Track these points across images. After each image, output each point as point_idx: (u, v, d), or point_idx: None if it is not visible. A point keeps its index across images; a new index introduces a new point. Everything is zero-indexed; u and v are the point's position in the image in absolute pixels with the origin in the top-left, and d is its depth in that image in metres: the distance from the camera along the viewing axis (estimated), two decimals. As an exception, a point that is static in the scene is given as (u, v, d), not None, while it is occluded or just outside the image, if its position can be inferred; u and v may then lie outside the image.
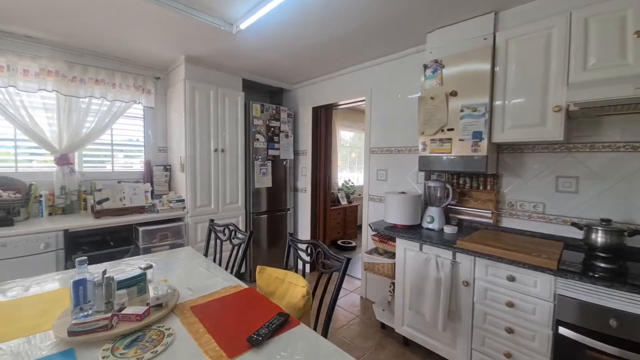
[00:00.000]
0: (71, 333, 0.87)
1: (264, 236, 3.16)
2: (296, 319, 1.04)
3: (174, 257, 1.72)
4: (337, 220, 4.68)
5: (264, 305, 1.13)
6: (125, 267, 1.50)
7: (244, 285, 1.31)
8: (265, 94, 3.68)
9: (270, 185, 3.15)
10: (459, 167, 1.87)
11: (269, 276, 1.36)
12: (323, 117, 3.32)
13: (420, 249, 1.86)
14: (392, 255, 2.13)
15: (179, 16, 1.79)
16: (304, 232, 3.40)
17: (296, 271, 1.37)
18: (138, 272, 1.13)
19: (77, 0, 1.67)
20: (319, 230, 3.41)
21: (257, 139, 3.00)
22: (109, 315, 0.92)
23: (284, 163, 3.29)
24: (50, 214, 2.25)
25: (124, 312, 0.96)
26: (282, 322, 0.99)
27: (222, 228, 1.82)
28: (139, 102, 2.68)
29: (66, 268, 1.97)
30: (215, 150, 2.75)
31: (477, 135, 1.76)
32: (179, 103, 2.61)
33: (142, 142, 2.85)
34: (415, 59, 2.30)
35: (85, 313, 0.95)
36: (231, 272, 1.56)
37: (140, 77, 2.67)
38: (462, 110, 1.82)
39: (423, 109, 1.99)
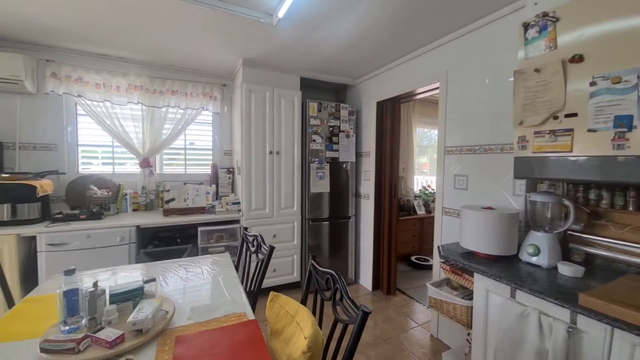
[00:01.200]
0: (42, 350, 0.80)
1: (322, 244, 2.93)
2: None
3: (205, 264, 1.66)
4: (412, 232, 4.06)
5: (256, 354, 0.87)
6: (161, 272, 1.49)
7: (249, 316, 1.09)
8: (328, 92, 3.47)
9: (328, 190, 2.90)
10: (588, 175, 1.19)
11: (280, 308, 1.10)
12: (389, 113, 2.87)
13: (512, 295, 1.26)
14: (470, 294, 1.57)
15: (221, 14, 1.73)
16: (367, 243, 3.02)
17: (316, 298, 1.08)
18: (136, 285, 1.04)
19: (148, 18, 1.82)
20: (383, 243, 2.96)
21: (314, 140, 2.80)
22: (79, 337, 0.83)
23: (345, 166, 2.99)
24: (134, 210, 2.58)
25: (99, 333, 0.85)
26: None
27: (252, 238, 1.66)
28: (207, 109, 2.86)
29: (136, 262, 2.19)
30: (270, 152, 2.68)
31: (622, 123, 1.07)
32: (238, 107, 2.65)
33: (210, 146, 3.04)
34: (509, 23, 1.66)
35: (69, 327, 0.89)
36: (252, 289, 1.36)
37: (208, 85, 2.84)
38: (593, 84, 1.15)
39: (522, 88, 1.38)
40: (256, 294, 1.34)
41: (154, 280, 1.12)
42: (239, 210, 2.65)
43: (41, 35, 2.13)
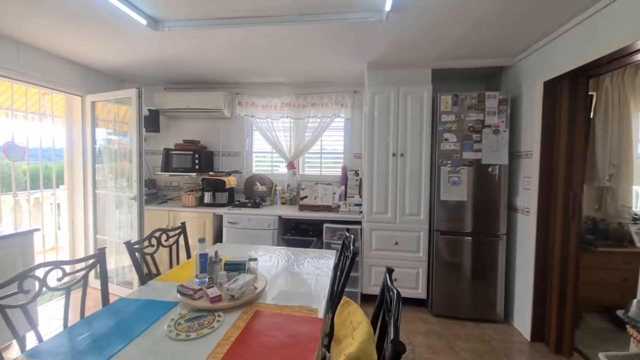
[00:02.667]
0: (178, 291, 1.18)
1: (460, 264, 2.46)
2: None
3: (314, 257, 1.82)
4: (624, 274, 2.64)
5: (304, 349, 0.90)
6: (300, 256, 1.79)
7: (319, 315, 1.11)
8: (473, 80, 2.90)
9: (464, 198, 2.43)
10: None
11: (347, 316, 1.06)
12: (565, 94, 2.02)
13: None
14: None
15: (332, 26, 1.86)
16: (524, 273, 2.28)
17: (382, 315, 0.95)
18: (242, 260, 1.31)
19: (291, 50, 2.29)
20: (552, 279, 2.12)
21: (446, 140, 2.42)
22: (199, 288, 1.15)
23: (491, 170, 2.39)
24: (283, 204, 3.20)
25: (209, 290, 1.15)
26: (278, 383, 0.73)
27: (351, 237, 1.66)
28: (339, 116, 3.11)
29: (277, 244, 2.71)
30: (394, 154, 2.56)
31: None
32: (364, 111, 2.72)
33: (342, 150, 3.28)
34: None
35: (199, 280, 1.25)
36: (339, 289, 1.37)
37: (340, 94, 3.08)
38: None
39: None
40: (338, 295, 1.34)
41: (255, 260, 1.37)
42: (360, 212, 2.70)
43: (232, 77, 3.07)
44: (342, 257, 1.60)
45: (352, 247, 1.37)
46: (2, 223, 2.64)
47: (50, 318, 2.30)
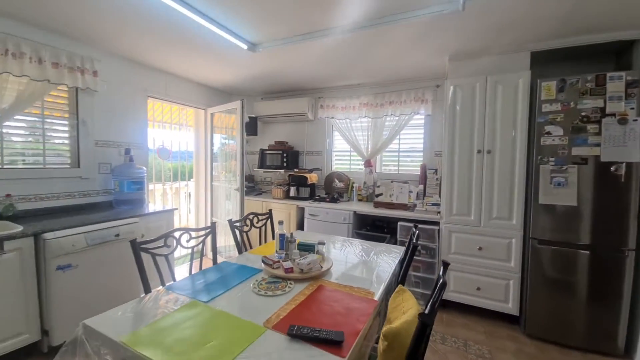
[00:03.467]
0: (262, 260, 1.47)
1: (567, 281, 2.07)
2: (345, 351, 0.85)
3: (382, 250, 1.89)
4: None
5: (355, 320, 1.02)
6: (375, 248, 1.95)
7: (375, 297, 1.21)
8: (580, 61, 2.35)
9: (574, 203, 2.04)
10: None
11: (400, 301, 1.11)
12: None
13: None
14: None
15: (409, 22, 1.88)
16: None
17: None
18: (312, 243, 1.52)
19: (370, 51, 2.40)
20: None
21: (548, 133, 2.08)
22: (278, 260, 1.41)
23: (615, 169, 1.94)
24: (359, 200, 3.33)
25: (284, 262, 1.40)
26: (328, 339, 0.88)
27: (416, 232, 1.66)
28: (418, 113, 3.02)
29: (352, 236, 2.86)
30: (479, 151, 2.35)
31: None
32: (445, 105, 2.58)
33: (421, 147, 3.17)
34: None
35: (278, 255, 1.52)
36: (399, 279, 1.42)
37: (420, 89, 2.99)
38: None
39: None
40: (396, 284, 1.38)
41: (323, 244, 1.56)
42: (438, 212, 2.58)
43: (315, 83, 3.38)
44: (407, 252, 1.62)
45: (413, 242, 1.39)
46: (155, 203, 3.65)
47: (180, 274, 3.08)
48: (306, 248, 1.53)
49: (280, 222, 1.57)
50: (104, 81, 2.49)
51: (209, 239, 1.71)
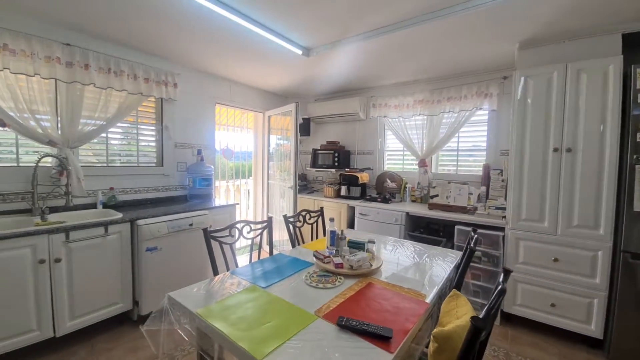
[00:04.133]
0: (314, 255, 1.54)
1: None
2: (394, 347, 0.85)
3: (437, 254, 1.81)
4: None
5: (404, 320, 1.02)
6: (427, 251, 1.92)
7: (427, 300, 1.18)
8: None
9: (687, 210, 1.67)
10: None
11: (454, 306, 1.06)
12: None
13: None
14: None
15: (474, 13, 1.76)
16: None
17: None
18: (362, 241, 1.54)
19: (427, 42, 2.32)
20: None
21: (650, 127, 1.74)
22: (329, 256, 1.47)
23: None
24: (413, 201, 3.21)
25: (335, 258, 1.45)
26: (376, 333, 0.90)
27: (474, 237, 1.55)
28: (481, 108, 2.78)
29: (404, 238, 2.78)
30: (555, 149, 2.07)
31: None
32: (513, 99, 2.34)
33: (484, 146, 2.91)
34: None
35: (329, 250, 1.58)
36: (453, 284, 1.36)
37: (484, 83, 2.75)
38: None
39: None
40: (450, 289, 1.31)
41: (373, 242, 1.56)
42: (503, 217, 2.35)
43: (367, 82, 3.37)
44: (464, 256, 1.53)
45: (470, 246, 1.31)
46: (220, 198, 4.06)
47: (241, 262, 3.38)
48: (356, 246, 1.56)
49: (331, 219, 1.63)
50: (182, 91, 2.88)
51: (266, 232, 1.86)
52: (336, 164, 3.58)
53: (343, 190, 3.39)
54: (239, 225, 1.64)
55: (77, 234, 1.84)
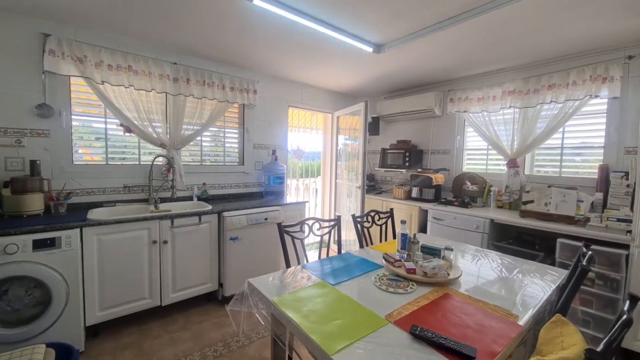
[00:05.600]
0: (384, 257, 1.49)
1: None
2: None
3: (533, 269, 1.55)
4: None
5: (490, 342, 0.89)
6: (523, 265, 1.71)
7: (519, 322, 1.01)
8: None
9: None
10: None
11: (558, 335, 0.88)
12: None
13: None
14: None
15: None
16: None
17: None
18: (438, 247, 1.42)
19: (525, 23, 2.04)
20: None
21: None
22: (400, 259, 1.40)
23: None
24: (499, 207, 2.82)
25: (407, 263, 1.37)
26: (456, 350, 0.81)
27: (587, 253, 1.25)
28: (596, 96, 2.26)
29: (487, 247, 2.46)
30: None
31: None
32: None
33: (601, 142, 2.35)
34: None
35: (399, 254, 1.50)
36: (556, 307, 1.13)
37: (601, 65, 2.22)
38: None
39: None
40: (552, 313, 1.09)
41: (451, 250, 1.42)
42: (628, 232, 1.85)
43: (444, 75, 3.09)
44: (571, 276, 1.26)
45: (582, 264, 1.06)
46: (291, 196, 4.31)
47: (311, 258, 3.51)
48: (430, 251, 1.44)
49: (403, 222, 1.55)
50: (260, 97, 3.15)
51: (334, 230, 1.88)
52: (407, 164, 3.40)
53: (414, 192, 3.19)
54: (309, 222, 1.71)
55: (179, 221, 2.19)
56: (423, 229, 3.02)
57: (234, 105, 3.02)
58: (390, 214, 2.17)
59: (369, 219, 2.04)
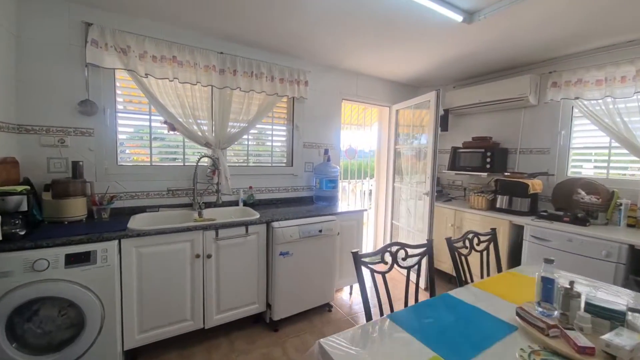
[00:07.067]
0: (518, 314, 0.98)
1: None
2: None
3: None
4: None
5: None
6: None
7: None
8: None
9: None
10: None
11: None
12: None
13: None
14: None
15: None
16: None
17: None
18: (617, 307, 0.88)
19: None
20: None
21: None
22: (553, 322, 0.88)
23: None
24: (630, 225, 2.08)
25: (569, 332, 0.85)
26: None
27: None
28: None
29: (622, 286, 1.78)
30: None
31: None
32: None
33: None
34: None
35: (542, 310, 0.98)
36: None
37: None
38: None
39: None
40: None
41: (638, 311, 0.86)
42: None
43: (545, 52, 2.40)
44: None
45: None
46: (341, 199, 3.89)
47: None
48: (605, 314, 0.89)
49: (549, 261, 1.01)
50: (311, 89, 2.77)
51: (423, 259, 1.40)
52: (488, 166, 2.76)
53: (500, 201, 2.55)
54: (392, 249, 1.25)
55: (225, 232, 1.89)
56: (515, 250, 2.38)
57: (282, 100, 2.67)
58: (493, 235, 1.62)
59: (467, 242, 1.52)
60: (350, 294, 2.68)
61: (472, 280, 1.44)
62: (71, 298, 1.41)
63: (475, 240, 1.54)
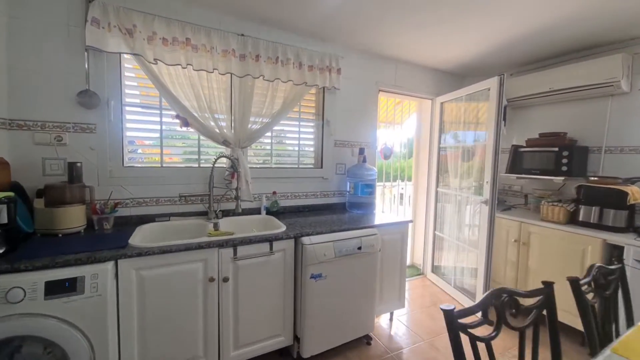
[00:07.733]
0: None
1: None
2: None
3: None
4: None
5: None
6: None
7: None
8: None
9: None
10: None
11: None
12: None
13: None
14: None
15: None
16: None
17: None
18: None
19: None
20: None
21: None
22: None
23: None
24: None
25: None
26: None
27: None
28: None
29: None
30: None
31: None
32: None
33: None
34: None
35: None
36: None
37: None
38: None
39: None
40: None
41: None
42: None
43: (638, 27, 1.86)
44: None
45: None
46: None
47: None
48: None
49: None
50: (344, 78, 2.37)
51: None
52: (563, 168, 2.23)
53: (585, 213, 2.02)
54: (498, 299, 0.82)
55: (244, 249, 1.54)
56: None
57: (310, 91, 2.30)
58: (621, 271, 1.14)
59: (592, 283, 1.05)
60: (391, 320, 2.25)
61: (597, 332, 0.96)
62: (51, 337, 1.10)
63: (601, 279, 1.06)
